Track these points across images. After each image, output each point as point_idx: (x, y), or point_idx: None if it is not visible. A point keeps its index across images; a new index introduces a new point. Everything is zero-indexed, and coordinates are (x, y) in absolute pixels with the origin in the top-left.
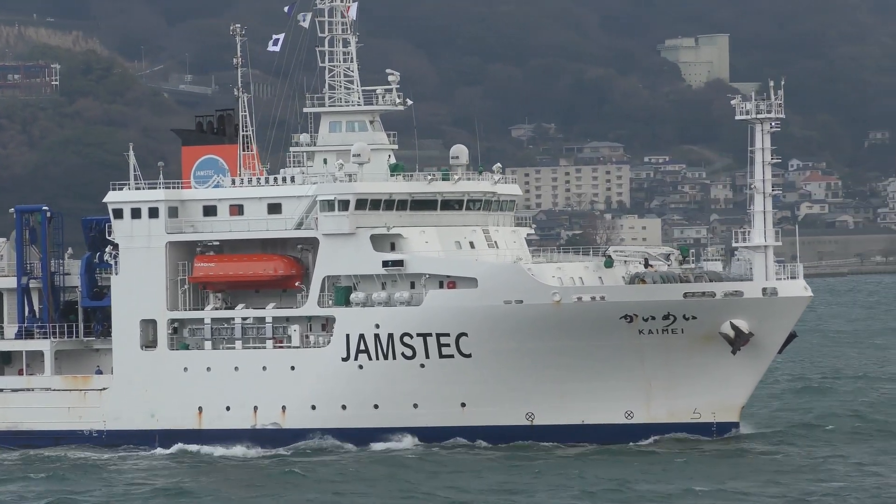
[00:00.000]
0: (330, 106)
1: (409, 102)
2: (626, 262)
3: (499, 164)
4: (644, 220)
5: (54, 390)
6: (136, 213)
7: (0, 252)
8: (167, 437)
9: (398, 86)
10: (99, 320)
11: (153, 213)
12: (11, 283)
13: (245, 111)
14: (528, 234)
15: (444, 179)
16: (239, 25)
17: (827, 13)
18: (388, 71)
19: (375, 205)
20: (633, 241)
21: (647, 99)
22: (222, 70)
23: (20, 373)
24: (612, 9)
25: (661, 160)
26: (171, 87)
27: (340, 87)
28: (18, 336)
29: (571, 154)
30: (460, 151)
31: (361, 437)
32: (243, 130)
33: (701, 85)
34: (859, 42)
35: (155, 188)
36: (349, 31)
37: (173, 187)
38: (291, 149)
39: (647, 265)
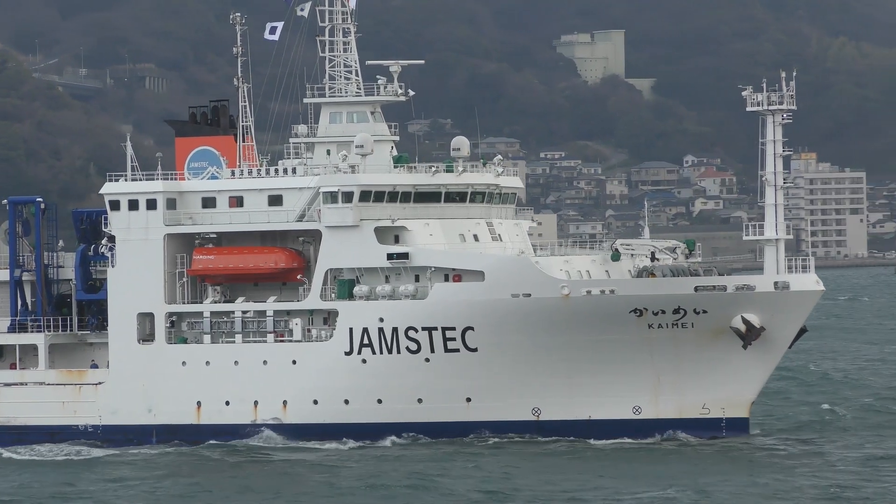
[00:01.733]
0: (330, 96)
1: (412, 93)
2: (632, 255)
3: (499, 156)
4: (540, 215)
5: (48, 384)
6: (133, 205)
7: None
8: (165, 432)
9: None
10: (94, 313)
11: (151, 204)
12: (3, 275)
13: (245, 101)
14: (529, 228)
15: (447, 171)
16: (239, 14)
17: (721, 9)
18: (389, 62)
19: (379, 197)
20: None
21: (542, 94)
22: (117, 63)
23: (12, 367)
24: (507, 4)
25: (556, 156)
26: (65, 80)
27: (341, 77)
28: (11, 329)
29: (474, 149)
30: (461, 143)
31: (364, 432)
32: (243, 121)
33: (596, 81)
34: (753, 38)
35: (152, 179)
36: (349, 21)
37: (169, 179)
38: (291, 140)
39: (653, 259)
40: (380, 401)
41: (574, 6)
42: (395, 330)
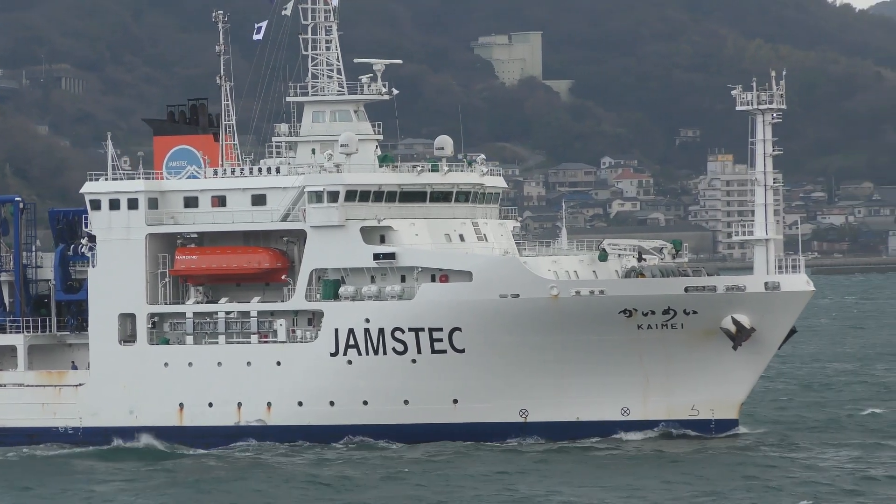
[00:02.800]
0: (313, 95)
1: (395, 92)
2: (619, 255)
3: (482, 156)
4: None
5: (27, 386)
6: (114, 205)
7: None
8: (147, 433)
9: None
10: (73, 314)
11: (132, 204)
12: None
13: (227, 100)
14: (514, 228)
15: (433, 171)
16: (221, 12)
17: (639, 11)
18: (373, 61)
19: (365, 196)
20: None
21: (460, 96)
22: (33, 64)
23: None
24: (425, 5)
25: (474, 157)
26: None
27: (324, 75)
28: None
29: (385, 151)
30: (445, 143)
31: (349, 434)
32: (225, 119)
33: (514, 82)
34: (671, 40)
35: (133, 179)
36: (332, 19)
37: (147, 178)
38: (273, 139)
39: (640, 259)
40: (366, 402)
41: (491, 8)
42: (381, 331)
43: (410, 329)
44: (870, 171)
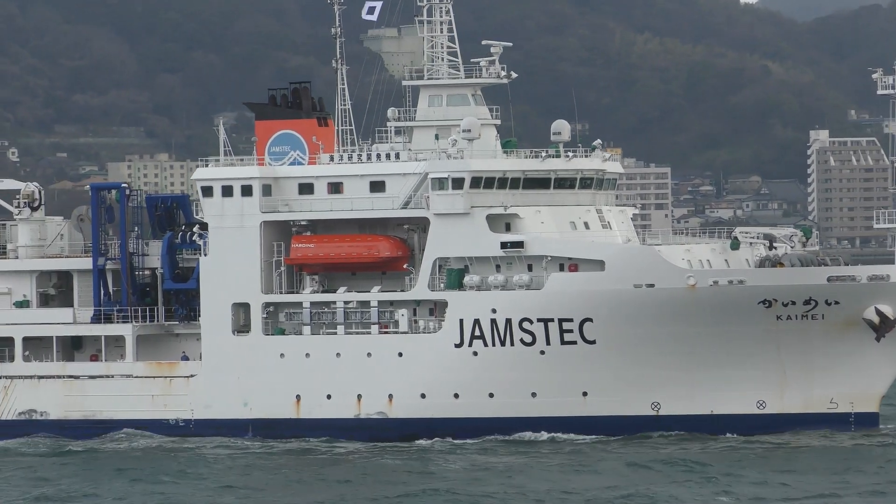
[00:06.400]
0: (429, 79)
1: (514, 75)
2: (751, 244)
3: (599, 141)
4: None
5: (137, 377)
6: (227, 191)
7: (60, 232)
8: (262, 426)
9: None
10: (182, 303)
11: (246, 190)
12: (81, 263)
13: (343, 83)
14: (633, 215)
15: (556, 157)
16: None
17: (526, 4)
18: (492, 42)
19: (489, 183)
20: None
21: (350, 88)
22: None
23: (93, 358)
24: None
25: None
26: None
27: (440, 59)
28: (95, 320)
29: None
30: (562, 127)
31: (475, 427)
32: (341, 104)
33: (404, 75)
34: (558, 33)
35: (245, 165)
36: (448, 0)
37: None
38: (389, 124)
39: (771, 247)
40: (491, 395)
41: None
42: (508, 321)
43: (539, 319)
44: (757, 165)
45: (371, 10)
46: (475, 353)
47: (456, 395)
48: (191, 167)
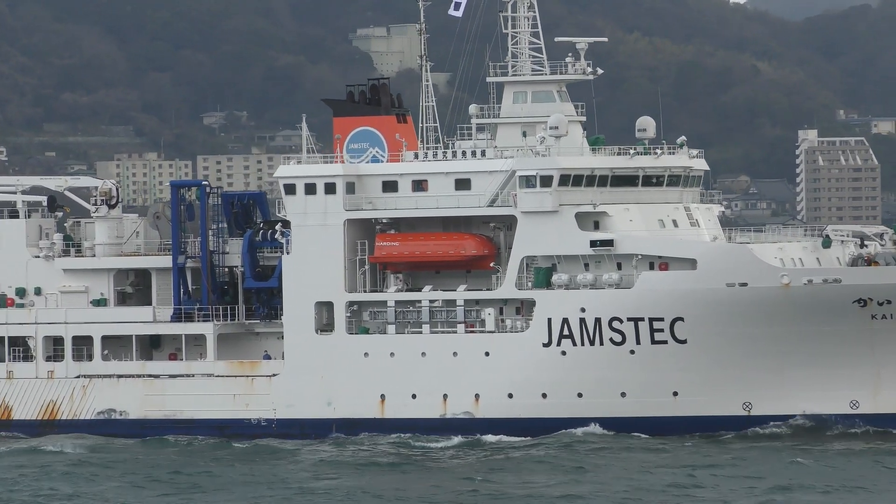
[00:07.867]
0: (514, 75)
1: (600, 71)
2: (842, 242)
3: (683, 137)
4: None
5: (218, 376)
6: (310, 189)
7: (136, 230)
8: (345, 426)
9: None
10: (263, 302)
11: (330, 188)
12: (160, 262)
13: (428, 80)
14: (719, 213)
15: (644, 154)
16: None
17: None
18: (576, 39)
19: (578, 181)
20: None
21: (339, 88)
22: None
23: (171, 357)
24: None
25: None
26: None
27: (524, 55)
28: (175, 319)
29: (263, 142)
30: (647, 124)
31: (563, 427)
32: (425, 101)
33: (392, 74)
34: (546, 32)
35: (328, 163)
36: None
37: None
38: (473, 121)
39: (862, 245)
40: (580, 394)
41: (370, 0)
42: (597, 320)
43: (629, 319)
44: (746, 164)
45: (457, 6)
46: (563, 353)
47: (544, 395)
48: (179, 166)
